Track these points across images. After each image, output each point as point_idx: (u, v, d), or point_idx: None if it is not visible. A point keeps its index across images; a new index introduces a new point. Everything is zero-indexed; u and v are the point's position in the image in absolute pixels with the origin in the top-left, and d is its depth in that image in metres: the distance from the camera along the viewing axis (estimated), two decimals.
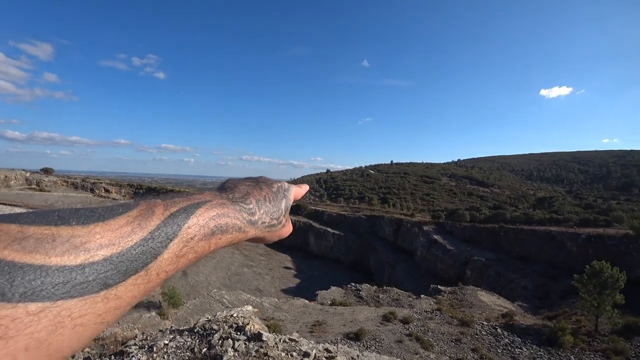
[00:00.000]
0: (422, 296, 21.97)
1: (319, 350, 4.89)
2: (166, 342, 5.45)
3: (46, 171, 72.64)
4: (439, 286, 24.14)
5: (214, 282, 33.85)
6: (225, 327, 5.41)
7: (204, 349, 4.91)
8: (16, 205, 50.28)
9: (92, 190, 67.60)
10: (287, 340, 5.04)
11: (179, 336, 5.58)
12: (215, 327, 5.47)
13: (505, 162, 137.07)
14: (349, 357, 6.10)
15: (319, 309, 18.78)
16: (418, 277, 33.94)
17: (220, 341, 5.00)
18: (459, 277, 30.27)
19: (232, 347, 4.71)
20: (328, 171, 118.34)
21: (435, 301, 20.59)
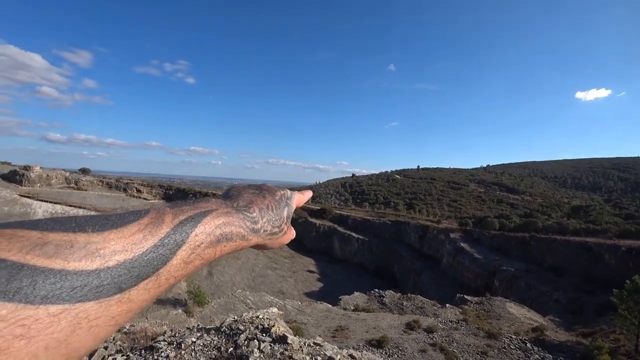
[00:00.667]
0: (447, 305, 21.43)
1: (343, 356, 4.89)
2: (194, 339, 5.62)
3: (84, 171, 76.72)
4: (465, 296, 23.51)
5: (238, 283, 34.46)
6: (252, 328, 5.51)
7: (230, 349, 5.02)
8: (56, 203, 53.30)
9: (125, 190, 70.54)
10: (311, 344, 5.07)
11: (206, 334, 5.74)
12: (241, 327, 5.58)
13: (537, 169, 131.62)
14: None
15: (341, 314, 18.72)
16: (444, 286, 33.15)
17: (246, 342, 5.10)
18: (486, 287, 29.34)
19: (258, 349, 4.79)
20: (353, 175, 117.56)
21: (461, 311, 20.04)
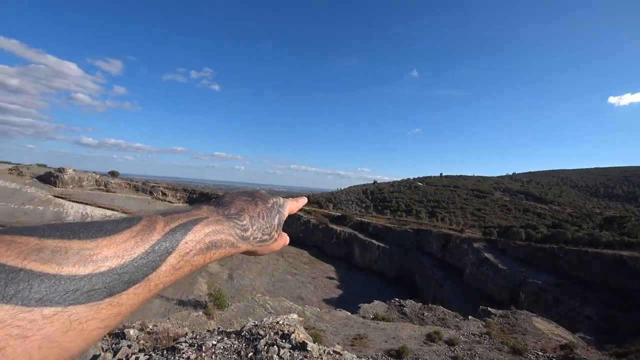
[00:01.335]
0: (470, 317, 20.81)
1: None
2: (214, 342, 5.72)
3: (112, 174, 79.91)
4: (488, 308, 22.75)
5: (258, 287, 34.74)
6: (271, 333, 5.56)
7: (250, 353, 5.08)
8: (87, 204, 55.61)
9: (150, 193, 72.90)
10: (331, 352, 5.07)
11: (226, 338, 5.83)
12: (261, 332, 5.63)
13: (566, 177, 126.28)
14: None
15: (360, 322, 18.52)
16: (466, 297, 32.26)
17: (265, 347, 5.14)
18: (511, 299, 28.32)
19: (277, 355, 4.82)
20: (375, 182, 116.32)
21: (484, 324, 19.41)
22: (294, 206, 0.65)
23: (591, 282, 26.52)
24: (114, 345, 6.04)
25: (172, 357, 5.06)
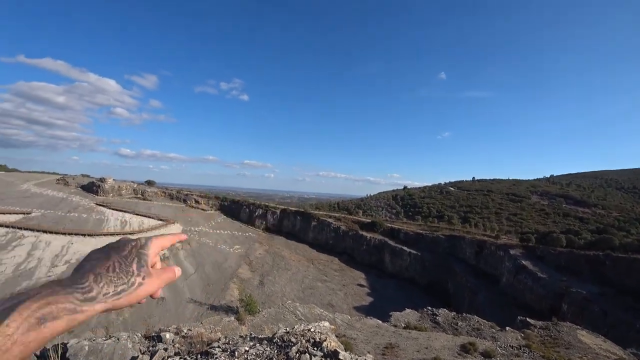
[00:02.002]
0: (507, 328, 19.87)
1: None
2: (247, 348, 5.80)
3: (149, 183, 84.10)
4: (527, 319, 21.65)
5: (288, 294, 34.96)
6: (303, 341, 5.57)
7: None
8: (126, 212, 58.51)
9: (184, 201, 75.85)
10: None
11: (258, 344, 5.90)
12: (293, 339, 5.66)
13: (611, 178, 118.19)
14: None
15: (392, 331, 18.19)
16: (503, 307, 30.90)
17: (297, 355, 5.16)
18: (552, 310, 26.83)
19: None
20: (405, 188, 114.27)
21: (523, 336, 18.46)
22: (161, 243, 0.63)
23: None
24: (150, 348, 6.27)
25: None
